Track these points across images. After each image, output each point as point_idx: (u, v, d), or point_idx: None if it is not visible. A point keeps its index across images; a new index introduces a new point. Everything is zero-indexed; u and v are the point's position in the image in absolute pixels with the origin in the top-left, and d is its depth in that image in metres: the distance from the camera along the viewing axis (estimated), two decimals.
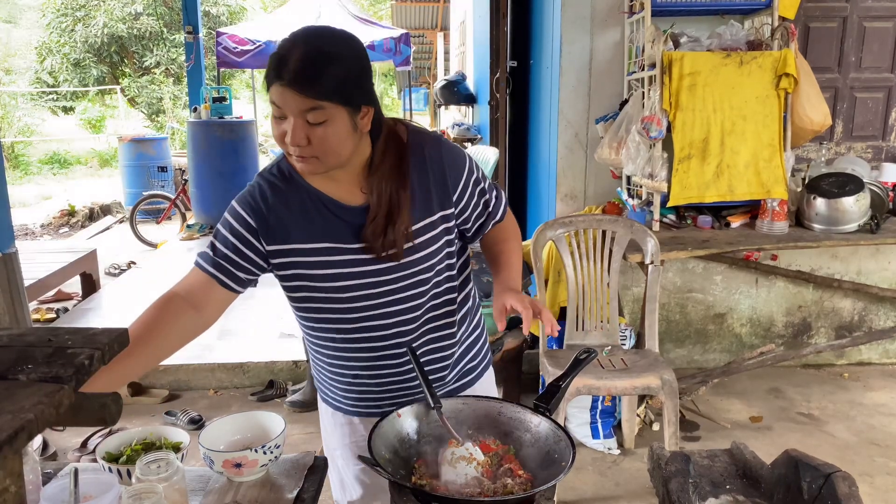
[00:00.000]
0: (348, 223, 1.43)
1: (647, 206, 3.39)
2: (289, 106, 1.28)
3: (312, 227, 1.43)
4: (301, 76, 1.26)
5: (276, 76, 1.27)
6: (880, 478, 2.95)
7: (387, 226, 1.41)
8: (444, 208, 1.48)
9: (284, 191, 1.44)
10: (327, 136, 1.30)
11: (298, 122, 1.29)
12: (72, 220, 9.29)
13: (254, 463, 1.42)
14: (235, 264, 1.45)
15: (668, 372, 2.70)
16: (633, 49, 3.52)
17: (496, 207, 1.60)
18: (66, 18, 17.03)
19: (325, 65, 1.27)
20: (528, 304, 1.40)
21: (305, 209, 1.43)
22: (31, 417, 0.87)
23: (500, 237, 1.63)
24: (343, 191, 1.44)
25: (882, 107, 3.97)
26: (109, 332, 1.14)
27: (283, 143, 1.33)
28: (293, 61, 1.26)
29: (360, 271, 1.45)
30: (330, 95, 1.27)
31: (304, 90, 1.26)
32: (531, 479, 1.31)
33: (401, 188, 1.42)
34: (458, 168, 1.50)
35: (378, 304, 1.49)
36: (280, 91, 1.27)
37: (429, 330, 1.57)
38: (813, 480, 1.32)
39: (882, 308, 4.03)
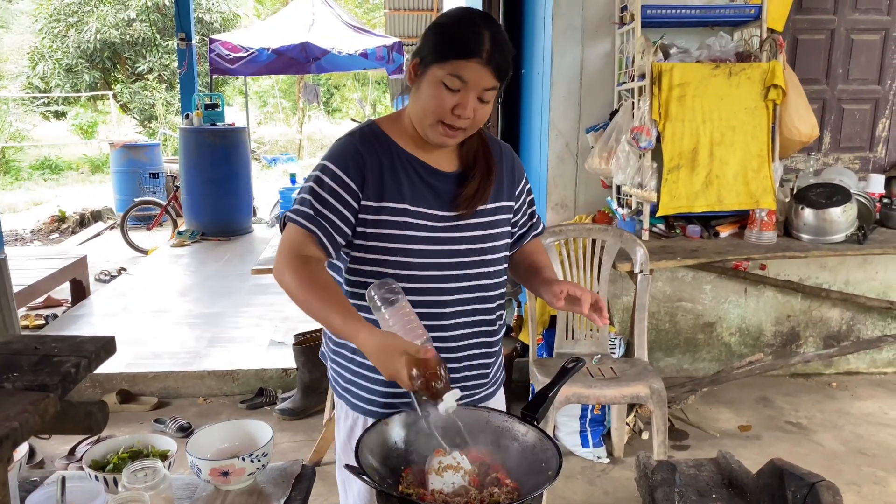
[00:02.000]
0: (435, 188, 1.49)
1: (637, 216, 3.40)
2: (477, 83, 1.36)
3: (400, 188, 1.47)
4: (498, 57, 1.36)
5: (469, 52, 1.34)
6: (867, 487, 2.96)
7: (478, 189, 1.49)
8: (510, 199, 1.59)
9: (378, 149, 1.48)
10: (486, 111, 1.42)
11: (474, 97, 1.37)
12: (62, 226, 9.24)
13: (241, 471, 1.42)
14: (333, 224, 1.43)
15: (656, 381, 2.71)
16: (624, 60, 3.55)
17: (539, 222, 1.72)
18: (58, 24, 16.98)
19: (509, 50, 1.40)
20: (585, 291, 1.46)
21: (396, 170, 1.48)
22: (15, 426, 0.88)
23: (535, 249, 1.71)
24: (438, 158, 1.51)
25: (869, 118, 4.00)
26: (96, 340, 1.15)
27: (446, 114, 1.38)
28: (488, 41, 1.35)
29: (434, 237, 1.48)
30: (505, 76, 1.40)
31: (496, 71, 1.37)
32: (518, 488, 1.31)
33: (491, 159, 1.54)
34: (520, 171, 1.64)
35: (441, 277, 1.50)
36: (476, 68, 1.35)
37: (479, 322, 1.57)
38: (797, 490, 1.33)
39: (869, 318, 4.06)
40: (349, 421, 1.62)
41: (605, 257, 3.04)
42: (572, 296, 1.47)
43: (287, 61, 8.52)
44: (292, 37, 8.42)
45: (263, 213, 8.95)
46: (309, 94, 10.74)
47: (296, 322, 4.52)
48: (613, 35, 3.63)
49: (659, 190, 3.25)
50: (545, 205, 3.80)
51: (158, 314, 4.90)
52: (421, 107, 1.41)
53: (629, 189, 3.35)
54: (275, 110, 23.30)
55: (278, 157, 16.99)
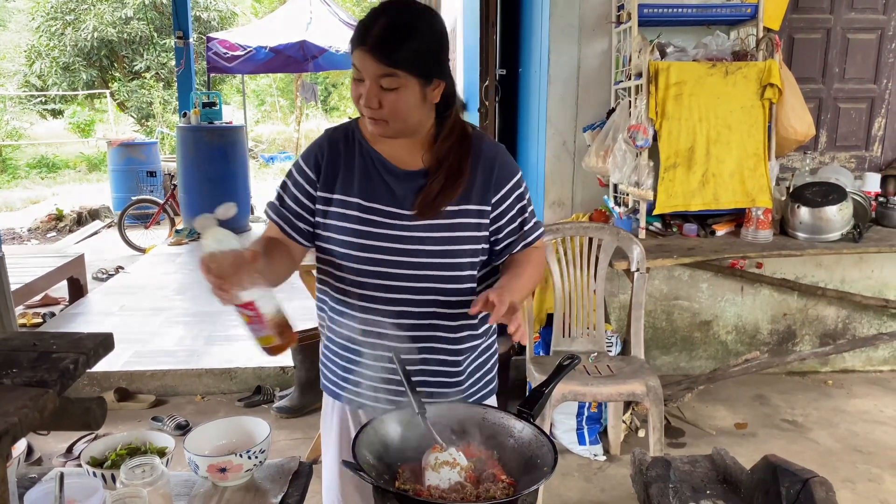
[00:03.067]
0: (398, 186, 1.51)
1: (634, 214, 3.41)
2: (367, 70, 1.39)
3: (361, 184, 1.51)
4: (381, 44, 1.37)
5: (359, 41, 1.38)
6: (862, 484, 2.97)
7: (441, 190, 1.48)
8: (481, 204, 1.53)
9: (342, 147, 1.54)
10: (398, 101, 1.40)
11: (374, 86, 1.39)
12: (59, 225, 9.24)
13: (238, 468, 1.42)
14: (294, 213, 1.53)
15: (653, 378, 2.73)
16: (620, 58, 3.56)
17: (530, 232, 1.60)
18: (55, 22, 16.95)
19: (405, 36, 1.38)
20: (505, 301, 1.35)
21: (359, 165, 1.52)
22: (14, 421, 0.88)
23: (524, 259, 1.59)
24: (401, 156, 1.52)
25: (865, 117, 4.02)
26: (94, 337, 1.16)
27: (359, 105, 1.43)
28: (377, 28, 1.37)
29: (386, 234, 1.49)
30: (404, 65, 1.38)
31: (381, 57, 1.37)
32: (514, 484, 1.32)
33: (463, 161, 1.51)
34: (507, 176, 1.56)
35: (392, 275, 1.50)
36: (361, 55, 1.38)
37: (434, 327, 1.55)
38: (791, 486, 1.34)
39: (865, 316, 4.07)
40: (327, 410, 1.72)
41: (602, 255, 3.05)
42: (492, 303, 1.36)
43: (285, 60, 8.54)
44: (290, 35, 8.43)
45: (261, 212, 8.95)
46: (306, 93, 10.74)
47: (293, 321, 4.51)
48: (610, 34, 3.64)
49: (656, 188, 3.26)
50: (542, 203, 3.82)
51: (156, 312, 4.91)
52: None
53: (626, 187, 3.36)
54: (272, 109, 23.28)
55: (276, 156, 17.00)
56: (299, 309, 4.98)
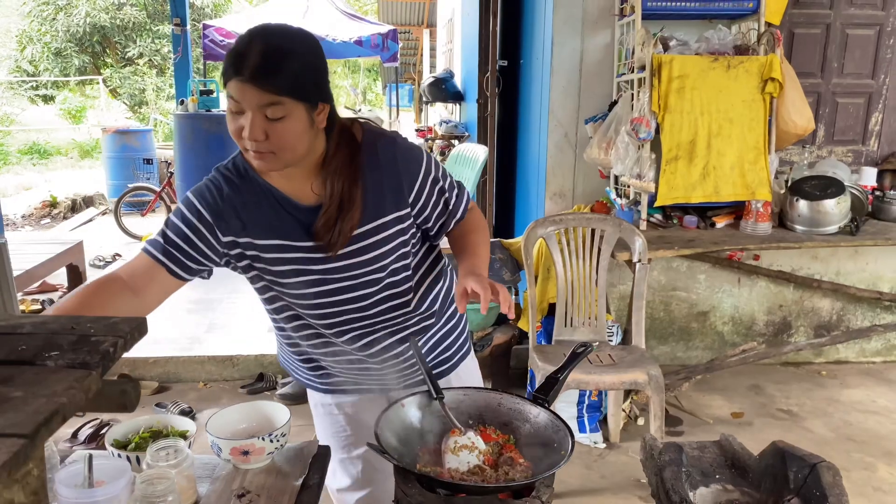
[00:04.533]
0: (301, 221, 1.45)
1: (635, 206, 3.45)
2: (248, 101, 1.29)
3: (265, 223, 1.45)
4: (261, 71, 1.27)
5: (235, 71, 1.28)
6: (856, 472, 3.04)
7: (337, 220, 1.42)
8: (399, 209, 1.50)
9: (239, 185, 1.46)
10: (285, 131, 1.32)
11: (257, 117, 1.30)
12: (53, 212, 9.19)
13: (261, 450, 1.45)
14: (184, 253, 1.44)
15: (654, 367, 2.77)
16: (623, 51, 3.59)
17: (457, 206, 1.60)
18: (47, 7, 16.82)
19: (284, 60, 1.29)
20: (486, 285, 1.38)
21: (259, 205, 1.45)
22: (64, 401, 0.91)
23: (466, 230, 1.62)
24: (297, 188, 1.45)
25: (862, 112, 4.06)
26: (130, 321, 1.18)
27: (240, 139, 1.34)
28: (252, 56, 1.27)
29: (312, 269, 1.48)
30: (289, 91, 1.29)
31: (263, 85, 1.27)
32: (531, 467, 1.35)
33: (353, 185, 1.44)
34: (414, 168, 1.51)
35: (330, 302, 1.52)
36: (239, 86, 1.29)
37: (385, 327, 1.60)
38: (799, 470, 1.38)
39: (859, 308, 4.14)
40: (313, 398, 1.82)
41: (604, 246, 3.09)
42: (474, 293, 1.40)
43: None
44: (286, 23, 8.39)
45: None
46: None
47: None
48: (613, 26, 3.66)
49: (657, 180, 3.30)
50: (543, 194, 3.85)
51: None
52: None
53: (628, 179, 3.40)
54: None
55: None
56: None
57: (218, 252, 1.47)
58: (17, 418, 0.87)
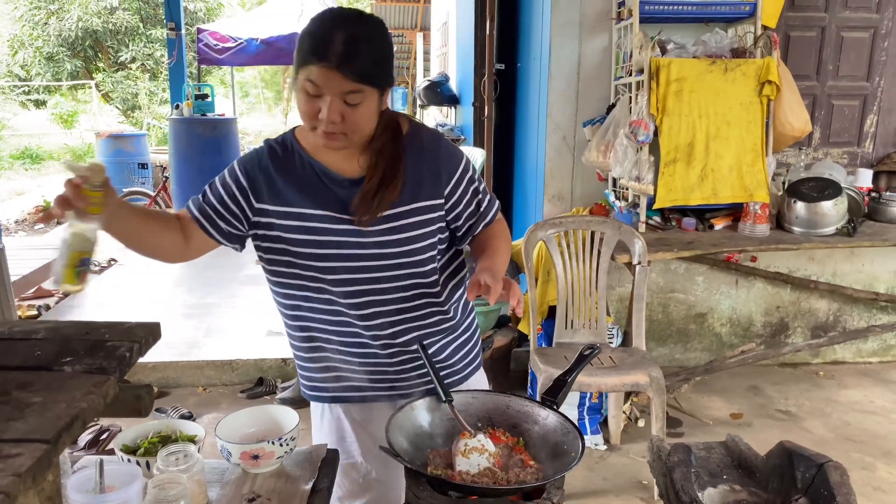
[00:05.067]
0: (338, 193, 1.49)
1: (634, 208, 3.47)
2: (330, 86, 1.33)
3: (303, 194, 1.49)
4: (346, 59, 1.31)
5: (318, 57, 1.32)
6: (855, 472, 3.04)
7: (377, 192, 1.46)
8: (434, 198, 1.53)
9: (282, 157, 1.51)
10: (360, 115, 1.38)
11: (336, 101, 1.34)
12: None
13: (270, 455, 1.45)
14: (219, 214, 1.51)
15: (655, 369, 2.78)
16: (621, 54, 3.60)
17: (487, 210, 1.64)
18: (39, 11, 16.74)
19: (366, 49, 1.34)
20: (499, 279, 1.41)
21: (299, 177, 1.50)
22: (84, 406, 0.91)
23: (490, 235, 1.65)
24: (340, 162, 1.50)
25: (858, 114, 4.09)
26: (144, 326, 1.18)
27: (314, 120, 1.37)
28: (337, 44, 1.31)
29: (342, 241, 1.49)
30: (369, 79, 1.35)
31: (347, 73, 1.32)
32: (542, 469, 1.36)
33: (396, 161, 1.48)
34: (454, 164, 1.56)
35: (357, 279, 1.52)
36: (323, 72, 1.32)
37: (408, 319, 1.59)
38: (806, 470, 1.39)
39: (856, 309, 4.16)
40: (317, 412, 1.77)
41: (604, 249, 3.10)
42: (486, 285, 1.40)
43: (276, 52, 8.52)
44: (281, 27, 8.41)
45: None
46: None
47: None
48: (611, 30, 3.68)
49: (656, 183, 3.31)
50: (542, 197, 3.86)
51: (153, 304, 4.91)
52: (299, 113, 1.41)
53: (626, 182, 3.42)
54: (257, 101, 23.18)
55: None
56: None
57: (249, 219, 1.51)
58: (38, 424, 0.87)
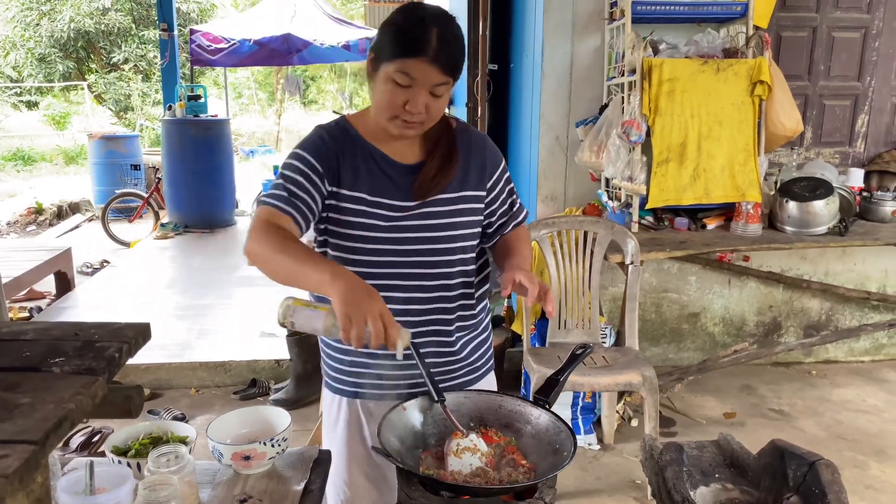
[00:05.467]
0: (395, 179, 1.54)
1: (627, 208, 3.47)
2: (424, 79, 1.40)
3: (366, 180, 1.53)
4: (443, 54, 1.39)
5: (415, 52, 1.38)
6: (848, 470, 3.06)
7: (436, 175, 1.54)
8: (479, 189, 1.62)
9: (342, 141, 1.54)
10: (439, 106, 1.46)
11: (424, 93, 1.41)
12: (39, 219, 9.12)
13: (262, 455, 1.45)
14: (305, 202, 1.49)
15: (648, 369, 2.79)
16: (614, 55, 3.61)
17: (518, 211, 1.73)
18: (30, 12, 16.66)
19: (457, 45, 1.44)
20: (536, 282, 1.47)
21: (360, 161, 1.54)
22: (72, 407, 0.91)
23: (516, 237, 1.72)
24: (398, 149, 1.56)
25: (849, 114, 4.11)
26: (133, 327, 1.18)
27: (398, 109, 1.43)
28: (433, 39, 1.38)
29: (395, 226, 1.53)
30: (455, 71, 1.44)
31: (442, 67, 1.40)
32: (534, 469, 1.36)
33: (453, 148, 1.58)
34: (496, 161, 1.66)
35: (400, 263, 1.55)
36: (420, 66, 1.38)
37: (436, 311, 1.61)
38: (798, 468, 1.39)
39: (848, 308, 4.18)
40: (334, 405, 1.70)
41: (597, 249, 3.10)
42: (522, 285, 1.47)
43: (269, 53, 8.50)
44: (274, 28, 8.39)
45: (245, 206, 8.91)
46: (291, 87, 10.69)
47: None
48: (603, 30, 3.69)
49: (648, 183, 3.32)
50: (535, 197, 3.86)
51: (146, 306, 4.89)
52: (377, 101, 1.47)
53: (619, 182, 3.42)
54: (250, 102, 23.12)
55: (256, 150, 16.88)
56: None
57: (322, 203, 1.52)
58: (26, 425, 0.87)
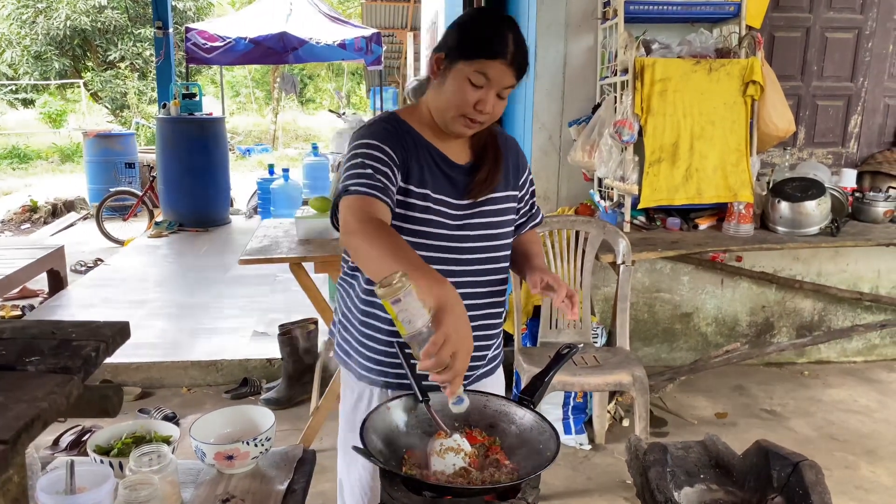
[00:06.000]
0: (451, 177, 1.57)
1: (619, 208, 3.47)
2: (499, 81, 1.44)
3: (423, 175, 1.53)
4: (518, 58, 1.44)
5: (496, 54, 1.42)
6: (839, 471, 3.06)
7: (488, 177, 1.58)
8: (515, 189, 1.68)
9: (405, 137, 1.54)
10: (502, 107, 1.50)
11: (493, 94, 1.45)
12: (34, 217, 9.09)
13: (245, 455, 1.44)
14: (391, 192, 1.45)
15: (639, 369, 2.79)
16: (606, 54, 3.61)
17: (537, 213, 1.81)
18: (27, 10, 16.63)
19: (527, 50, 1.48)
20: (563, 284, 1.56)
21: (421, 156, 1.55)
22: (45, 406, 0.90)
23: (531, 240, 1.79)
24: (450, 148, 1.59)
25: (842, 114, 4.12)
26: (112, 325, 1.17)
27: (467, 107, 1.45)
28: (511, 43, 1.43)
29: (450, 223, 1.55)
30: (523, 75, 1.48)
31: (517, 71, 1.45)
32: (517, 469, 1.35)
33: (499, 151, 1.63)
34: (524, 162, 1.73)
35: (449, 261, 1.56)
36: (500, 68, 1.42)
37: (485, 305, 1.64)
38: (782, 469, 1.39)
39: (840, 308, 4.18)
40: (355, 392, 1.66)
41: (588, 249, 3.10)
42: (550, 286, 1.57)
43: (265, 51, 8.48)
44: (270, 26, 8.38)
45: (240, 205, 8.90)
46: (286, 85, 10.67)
47: (277, 313, 4.54)
48: (596, 30, 3.68)
49: (640, 183, 3.31)
50: None
51: (139, 305, 4.88)
52: (445, 99, 1.48)
53: (611, 182, 3.42)
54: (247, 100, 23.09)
55: (252, 148, 16.87)
56: (286, 301, 4.97)
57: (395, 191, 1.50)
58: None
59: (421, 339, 1.18)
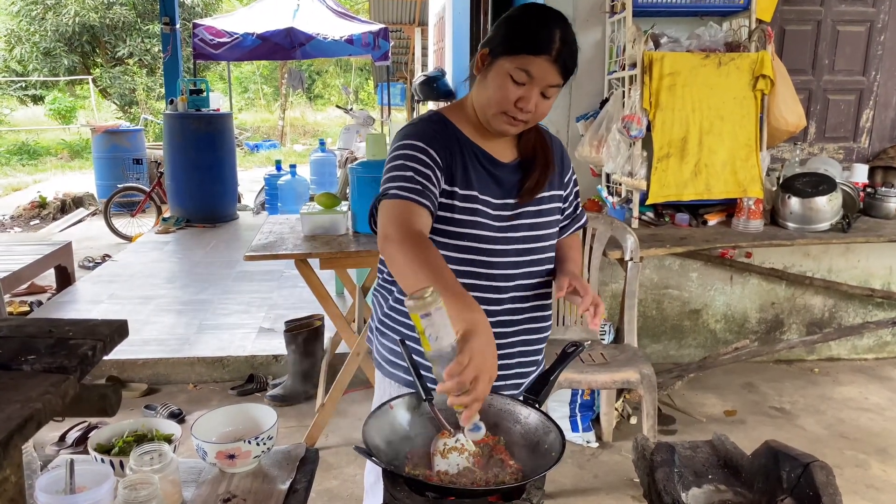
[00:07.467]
0: (496, 176, 1.54)
1: (627, 204, 3.44)
2: (543, 78, 1.40)
3: (468, 176, 1.50)
4: (564, 57, 1.40)
5: (540, 50, 1.38)
6: (849, 470, 3.03)
7: (539, 179, 1.55)
8: (560, 189, 1.65)
9: (449, 137, 1.51)
10: (547, 106, 1.46)
11: (536, 92, 1.41)
12: (43, 212, 9.13)
13: (247, 454, 1.43)
14: (433, 194, 1.44)
15: (646, 366, 2.76)
16: (614, 48, 3.57)
17: (581, 215, 1.77)
18: (36, 6, 16.69)
19: (575, 48, 1.44)
20: (590, 293, 1.52)
21: (464, 158, 1.52)
22: (39, 406, 0.89)
23: (570, 244, 1.75)
24: (496, 147, 1.55)
25: (854, 109, 4.06)
26: (110, 324, 1.15)
27: (508, 105, 1.42)
28: (557, 40, 1.38)
29: (497, 225, 1.52)
30: (569, 75, 1.44)
31: (562, 69, 1.40)
32: (521, 469, 1.33)
33: (547, 151, 1.60)
34: (568, 162, 1.70)
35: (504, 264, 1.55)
36: (544, 65, 1.38)
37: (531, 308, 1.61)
38: (792, 470, 1.37)
39: (851, 305, 4.14)
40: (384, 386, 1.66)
41: (596, 245, 3.07)
42: (577, 291, 1.53)
43: (272, 47, 8.46)
44: (277, 22, 8.36)
45: (248, 201, 8.90)
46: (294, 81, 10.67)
47: (284, 309, 4.54)
48: (604, 24, 3.65)
49: (649, 178, 3.28)
50: None
51: (146, 301, 4.88)
52: (486, 96, 1.45)
53: (619, 177, 3.39)
54: (256, 96, 23.11)
55: (260, 144, 16.88)
56: (293, 298, 4.97)
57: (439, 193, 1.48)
58: None
59: (445, 358, 1.16)
